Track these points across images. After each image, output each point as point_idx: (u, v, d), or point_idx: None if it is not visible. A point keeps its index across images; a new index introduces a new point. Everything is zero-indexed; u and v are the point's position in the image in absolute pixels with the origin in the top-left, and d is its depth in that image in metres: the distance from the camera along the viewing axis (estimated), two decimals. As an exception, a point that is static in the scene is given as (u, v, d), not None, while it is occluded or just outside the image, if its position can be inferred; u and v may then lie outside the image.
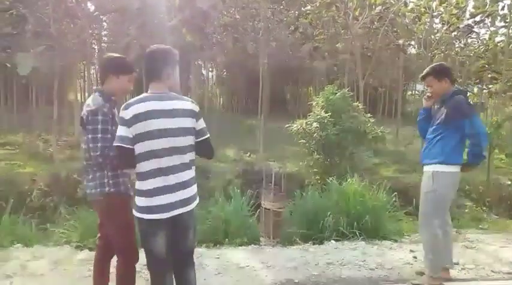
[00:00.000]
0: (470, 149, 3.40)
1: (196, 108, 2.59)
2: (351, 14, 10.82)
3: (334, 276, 3.86)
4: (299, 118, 8.54)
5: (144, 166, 2.43)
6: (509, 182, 9.05)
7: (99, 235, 3.00)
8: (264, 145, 12.57)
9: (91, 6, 12.59)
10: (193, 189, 2.59)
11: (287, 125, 8.68)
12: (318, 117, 7.64)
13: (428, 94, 3.63)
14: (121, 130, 2.42)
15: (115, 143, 2.43)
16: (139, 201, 2.47)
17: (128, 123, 2.39)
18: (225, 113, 24.91)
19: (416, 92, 28.71)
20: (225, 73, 26.32)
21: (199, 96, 20.22)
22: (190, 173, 2.57)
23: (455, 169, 3.40)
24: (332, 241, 4.71)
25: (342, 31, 13.19)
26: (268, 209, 4.70)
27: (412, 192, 8.30)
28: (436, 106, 3.62)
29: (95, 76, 21.24)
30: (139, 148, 2.41)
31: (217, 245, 4.62)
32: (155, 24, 10.55)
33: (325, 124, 7.52)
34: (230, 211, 5.20)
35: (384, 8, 12.44)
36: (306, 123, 7.85)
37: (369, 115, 8.10)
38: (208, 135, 2.65)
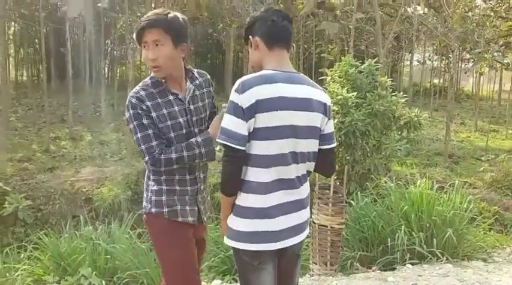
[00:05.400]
0: None
1: (329, 101, 1.82)
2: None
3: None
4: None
5: (258, 175, 1.69)
6: None
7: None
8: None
9: None
10: (308, 211, 1.88)
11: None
12: (339, 97, 6.33)
13: None
14: (234, 124, 1.63)
15: (224, 142, 1.63)
16: (242, 224, 1.72)
17: (247, 114, 1.62)
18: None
19: (416, 63, 23.09)
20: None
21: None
22: (307, 189, 1.86)
23: None
24: (408, 265, 3.58)
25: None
26: (325, 227, 3.47)
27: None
28: None
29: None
30: (257, 148, 1.67)
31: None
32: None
33: (348, 107, 6.25)
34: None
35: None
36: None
37: (402, 94, 6.74)
38: (336, 143, 1.86)
